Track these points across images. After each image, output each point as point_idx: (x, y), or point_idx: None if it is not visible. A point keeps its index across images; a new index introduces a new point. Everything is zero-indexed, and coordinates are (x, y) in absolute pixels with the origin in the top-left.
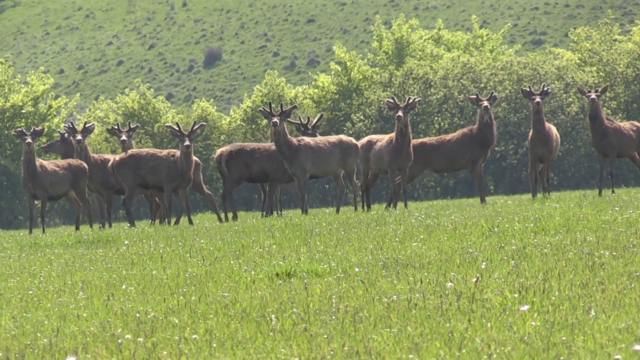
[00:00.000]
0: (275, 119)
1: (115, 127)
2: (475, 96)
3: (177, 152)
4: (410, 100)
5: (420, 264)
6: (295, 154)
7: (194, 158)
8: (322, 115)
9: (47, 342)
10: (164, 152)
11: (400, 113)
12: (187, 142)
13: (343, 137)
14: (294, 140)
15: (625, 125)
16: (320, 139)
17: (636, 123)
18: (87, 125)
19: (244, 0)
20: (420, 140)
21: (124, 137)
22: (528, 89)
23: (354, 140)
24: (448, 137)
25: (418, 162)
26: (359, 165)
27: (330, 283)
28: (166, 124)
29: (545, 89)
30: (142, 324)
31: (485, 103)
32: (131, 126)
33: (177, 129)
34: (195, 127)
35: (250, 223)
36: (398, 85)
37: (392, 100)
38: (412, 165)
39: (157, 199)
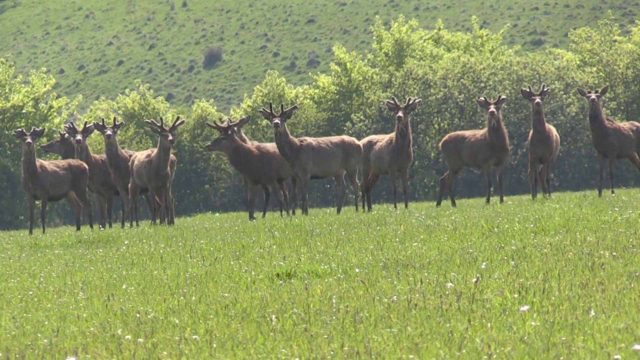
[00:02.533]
0: (277, 120)
1: (100, 122)
2: (483, 99)
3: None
4: (411, 101)
5: (420, 264)
6: (297, 154)
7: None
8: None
9: (47, 343)
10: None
11: (400, 113)
12: (170, 137)
13: (345, 137)
14: (296, 140)
15: (625, 125)
16: (322, 140)
17: (636, 123)
18: (87, 126)
19: (244, 1)
20: (456, 132)
21: (108, 132)
22: (528, 90)
23: (356, 141)
24: (476, 132)
25: (452, 154)
26: (359, 165)
27: (330, 283)
28: (146, 120)
29: (545, 89)
30: (142, 325)
31: (492, 108)
32: (116, 123)
33: (158, 124)
34: (177, 123)
35: (251, 223)
36: (398, 85)
37: (392, 101)
38: (449, 157)
39: (158, 199)
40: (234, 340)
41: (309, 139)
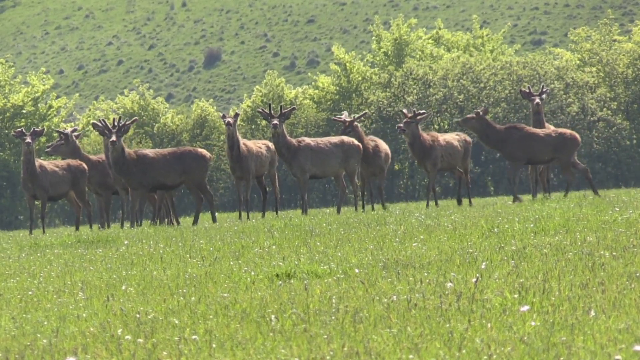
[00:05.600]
0: (275, 121)
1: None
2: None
3: None
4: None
5: (420, 264)
6: (294, 155)
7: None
8: (365, 113)
9: (46, 343)
10: None
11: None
12: (113, 138)
13: (345, 138)
14: (294, 141)
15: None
16: (321, 140)
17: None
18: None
19: (244, 1)
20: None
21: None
22: (527, 90)
23: (356, 142)
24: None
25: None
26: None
27: (330, 284)
28: (92, 122)
29: (545, 89)
30: (142, 325)
31: (401, 122)
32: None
33: (100, 125)
34: (128, 122)
35: (250, 223)
36: (397, 85)
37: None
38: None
39: (158, 199)
40: (233, 340)
41: (307, 140)
